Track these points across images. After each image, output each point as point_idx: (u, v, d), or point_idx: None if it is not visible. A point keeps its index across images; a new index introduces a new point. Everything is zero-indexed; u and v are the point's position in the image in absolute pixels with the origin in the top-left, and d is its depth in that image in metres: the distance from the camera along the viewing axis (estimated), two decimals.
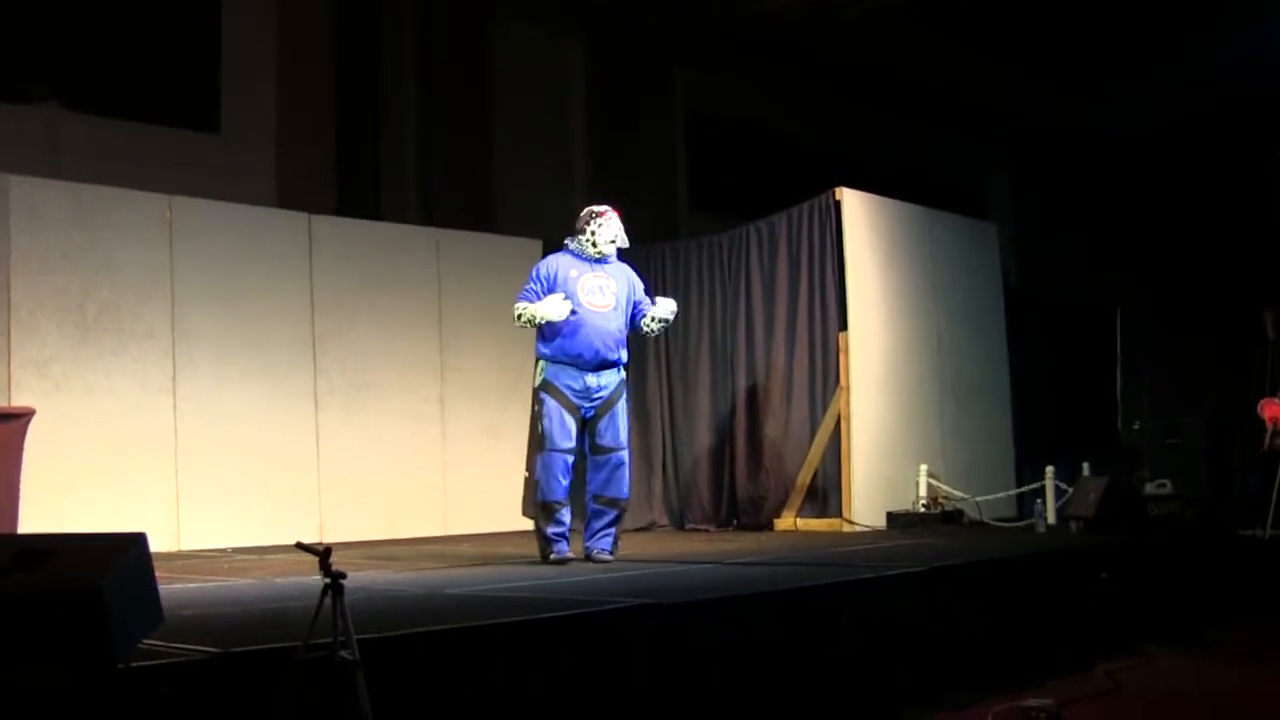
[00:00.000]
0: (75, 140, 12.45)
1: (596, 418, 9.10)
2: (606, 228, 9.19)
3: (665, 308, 9.41)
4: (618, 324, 9.18)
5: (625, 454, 9.23)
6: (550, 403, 8.98)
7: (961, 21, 17.83)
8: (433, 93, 15.31)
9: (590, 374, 9.05)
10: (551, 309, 8.93)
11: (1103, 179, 21.54)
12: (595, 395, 9.08)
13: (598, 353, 9.06)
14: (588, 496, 9.16)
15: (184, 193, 11.82)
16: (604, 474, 9.13)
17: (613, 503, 9.19)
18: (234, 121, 13.79)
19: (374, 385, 12.80)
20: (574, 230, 9.28)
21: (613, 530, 9.23)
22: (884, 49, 18.55)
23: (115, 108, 12.87)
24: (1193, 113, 19.89)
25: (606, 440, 9.14)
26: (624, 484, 9.22)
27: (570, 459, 9.02)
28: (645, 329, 9.42)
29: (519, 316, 8.99)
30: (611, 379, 9.14)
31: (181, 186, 11.98)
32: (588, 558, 9.05)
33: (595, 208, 9.34)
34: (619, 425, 9.18)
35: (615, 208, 9.38)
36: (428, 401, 13.19)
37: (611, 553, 9.17)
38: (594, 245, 9.16)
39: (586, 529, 9.14)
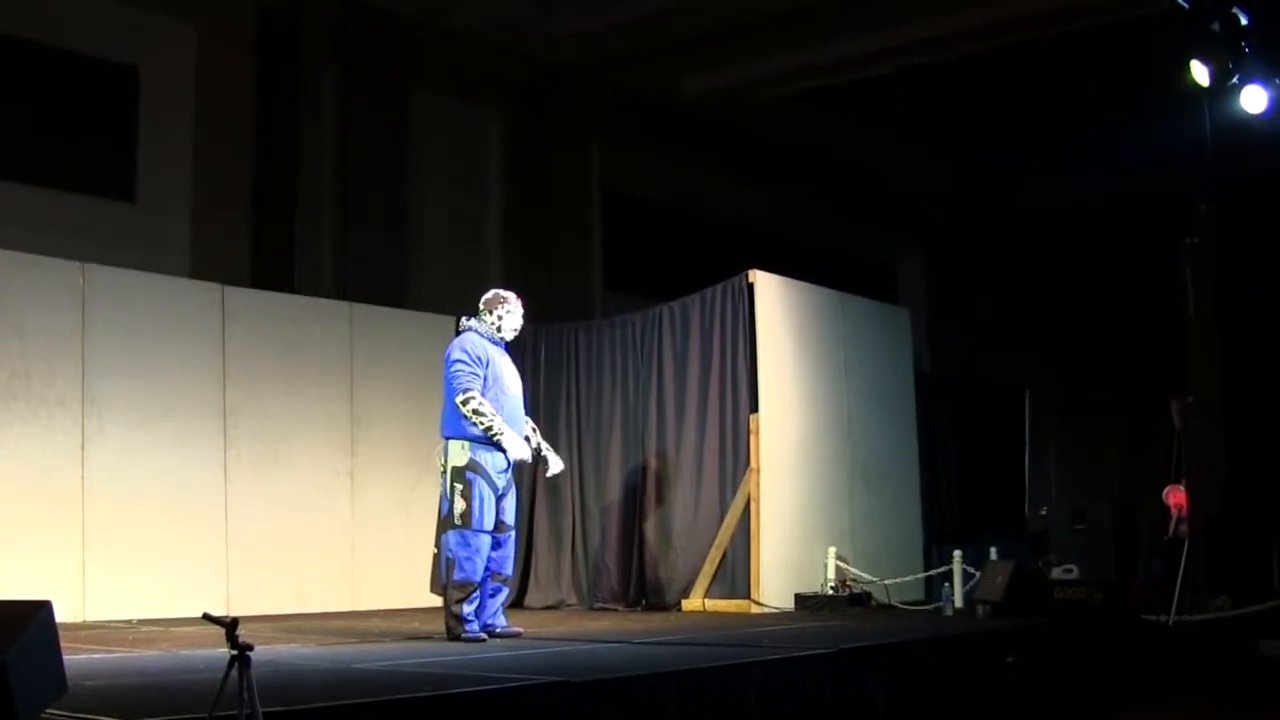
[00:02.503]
0: None
1: (502, 496, 9.20)
2: (514, 315, 9.40)
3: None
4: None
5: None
6: (479, 483, 9.03)
7: (875, 107, 18.10)
8: (351, 165, 15.35)
9: (507, 456, 9.15)
10: (515, 447, 9.10)
11: (1014, 264, 21.81)
12: (505, 476, 9.20)
13: (522, 438, 9.24)
14: (482, 574, 9.12)
15: (98, 261, 11.75)
16: (503, 551, 9.22)
17: (506, 580, 9.36)
18: (150, 190, 13.80)
19: (284, 457, 12.73)
20: (477, 311, 9.41)
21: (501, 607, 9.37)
22: (799, 132, 18.85)
23: (29, 173, 12.82)
24: (1103, 201, 20.26)
25: (508, 518, 9.29)
26: (513, 561, 9.46)
27: (490, 539, 9.08)
28: None
29: (475, 411, 8.97)
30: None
31: (96, 255, 11.93)
32: (493, 635, 9.07)
33: (503, 293, 9.48)
34: (515, 504, 9.42)
35: (520, 295, 9.53)
36: (338, 475, 13.13)
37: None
38: (499, 330, 9.34)
39: (481, 607, 9.12)
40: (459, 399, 8.98)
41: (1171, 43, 12.44)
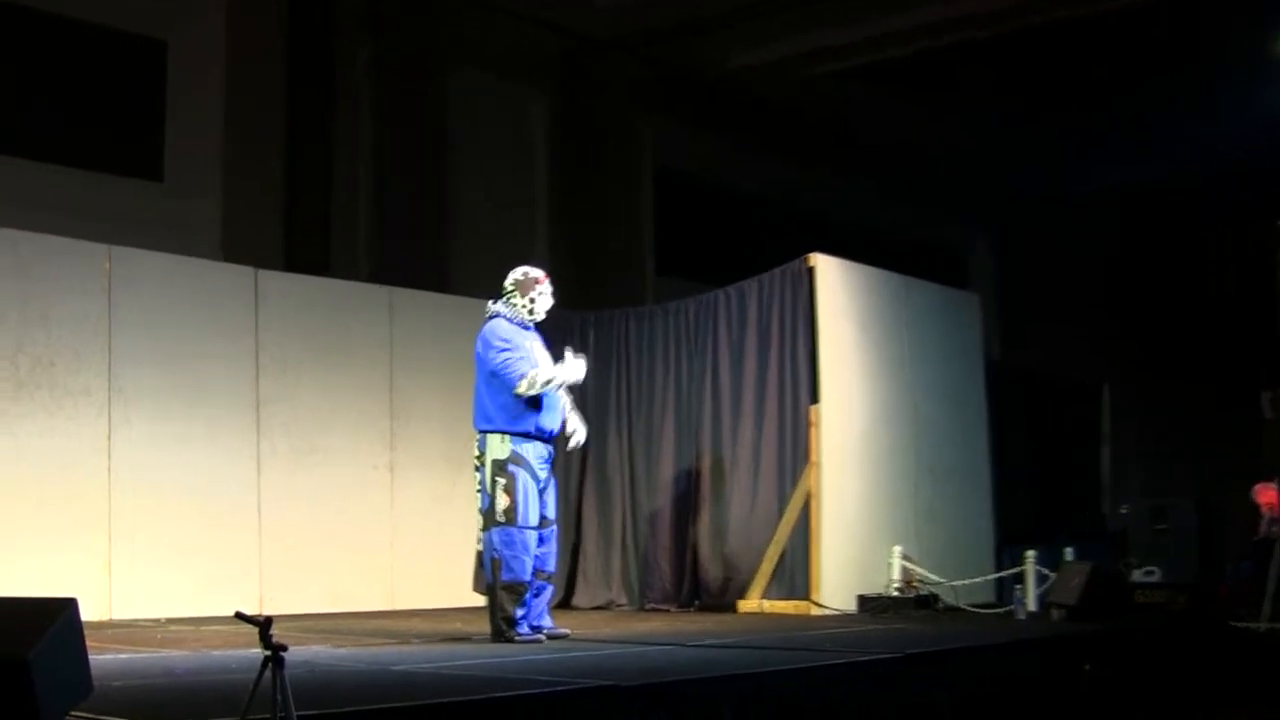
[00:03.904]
0: (12, 186, 12.46)
1: (544, 489, 9.19)
2: (547, 296, 9.31)
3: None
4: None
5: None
6: (522, 476, 9.01)
7: (939, 84, 17.97)
8: (388, 144, 15.41)
9: (549, 446, 9.20)
10: (573, 371, 9.09)
11: (1090, 249, 21.63)
12: (548, 464, 9.21)
13: (561, 426, 9.28)
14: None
15: (125, 244, 11.77)
16: (547, 547, 9.21)
17: (550, 577, 9.35)
18: (178, 170, 13.85)
19: (320, 450, 12.75)
20: (503, 293, 9.33)
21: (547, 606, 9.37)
22: (858, 111, 18.69)
23: (52, 152, 12.86)
24: (1186, 183, 20.04)
25: (551, 512, 9.27)
26: (556, 557, 9.45)
27: (536, 535, 9.07)
28: None
29: (534, 383, 8.96)
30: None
31: (122, 237, 11.94)
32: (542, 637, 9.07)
33: (533, 272, 9.37)
34: (555, 497, 9.41)
35: (547, 274, 9.46)
36: (376, 469, 13.15)
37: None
38: (530, 313, 9.27)
39: (526, 607, 9.09)
40: (520, 389, 8.94)
41: (1260, 12, 12.32)
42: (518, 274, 9.34)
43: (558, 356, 9.24)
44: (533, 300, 9.24)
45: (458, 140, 16.12)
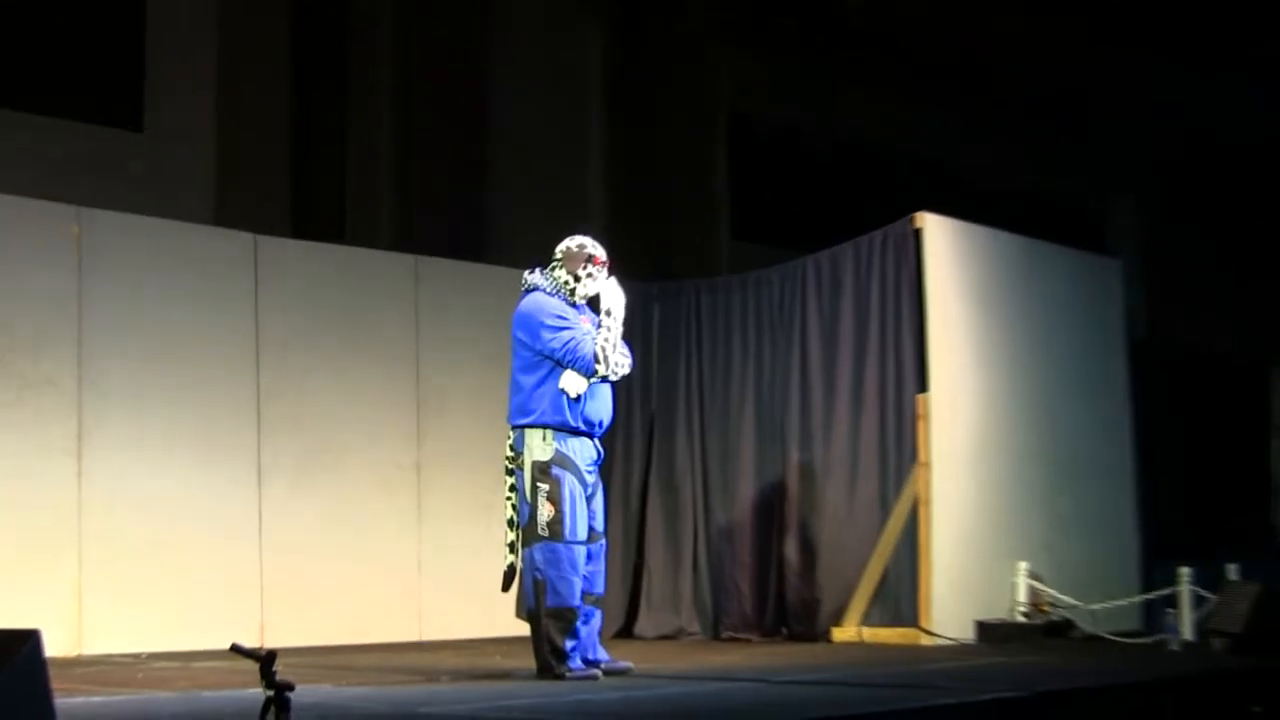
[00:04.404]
0: None
1: (591, 495, 9.17)
2: (598, 282, 9.25)
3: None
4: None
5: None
6: (568, 481, 8.98)
7: (1069, 9, 17.76)
8: (414, 87, 15.41)
9: (597, 443, 9.23)
10: (617, 296, 9.15)
11: (1254, 207, 21.47)
12: (596, 467, 9.22)
13: (610, 419, 9.32)
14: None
15: (97, 204, 11.74)
16: (594, 565, 9.19)
17: (599, 600, 9.31)
18: (161, 117, 13.89)
19: (333, 451, 12.72)
20: (547, 263, 9.31)
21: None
22: (984, 42, 18.50)
23: (3, 95, 12.92)
24: None
25: (599, 523, 9.26)
26: (605, 577, 9.46)
27: (584, 551, 9.05)
28: None
29: (607, 357, 8.97)
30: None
31: (94, 196, 11.93)
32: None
33: (590, 247, 9.31)
34: (604, 505, 9.42)
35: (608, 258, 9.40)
36: (401, 471, 13.11)
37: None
38: (572, 293, 9.22)
39: (575, 637, 9.05)
40: (600, 370, 8.96)
41: None
42: (572, 244, 9.29)
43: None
44: (577, 279, 9.20)
45: (497, 82, 16.12)
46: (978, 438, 12.79)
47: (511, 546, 9.19)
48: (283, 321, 12.52)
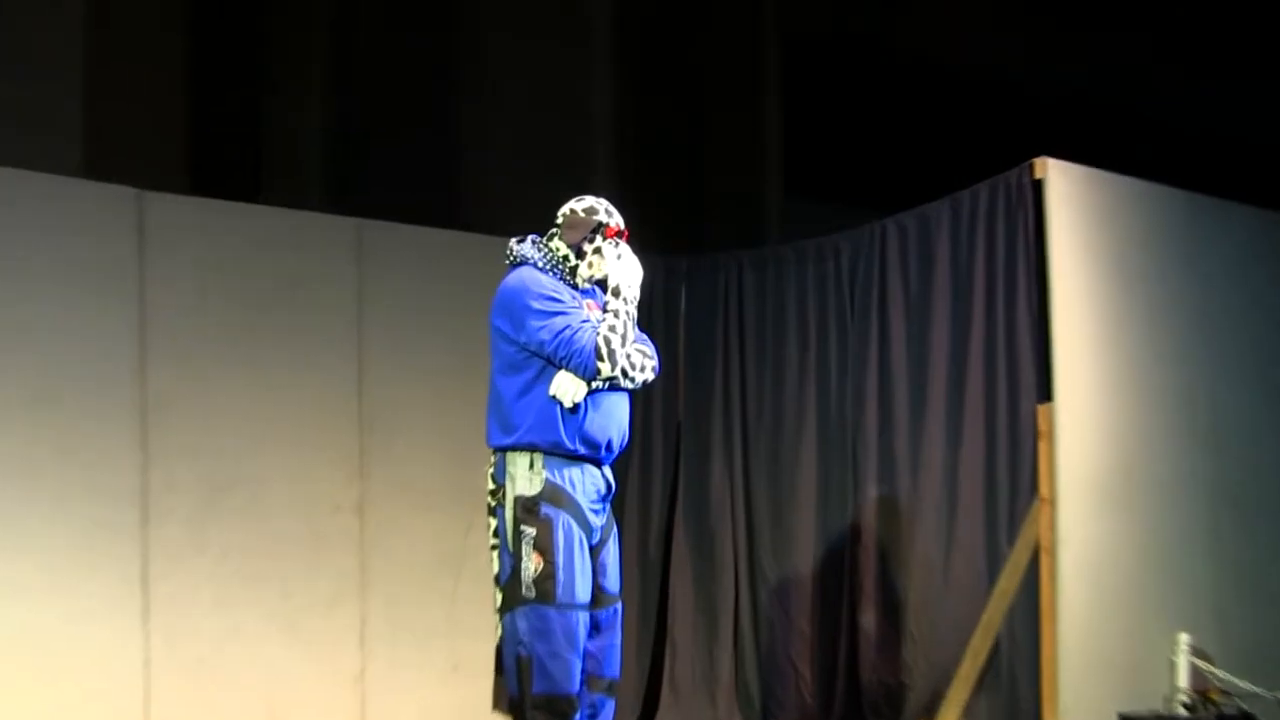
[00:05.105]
0: None
1: (600, 543, 9.01)
2: (609, 260, 9.03)
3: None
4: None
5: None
6: (564, 524, 8.76)
7: None
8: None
9: (606, 471, 9.04)
10: (632, 273, 8.97)
11: None
12: (604, 505, 9.06)
13: (623, 439, 9.10)
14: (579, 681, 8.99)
15: None
16: (604, 639, 9.09)
17: (613, 686, 9.20)
18: (12, 42, 13.67)
19: (245, 483, 12.34)
20: (545, 230, 9.16)
21: None
22: None
23: None
24: None
25: (611, 581, 9.12)
26: (620, 654, 9.31)
27: (588, 619, 8.92)
28: None
29: (613, 349, 8.68)
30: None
31: None
32: None
33: (601, 212, 9.13)
34: (618, 557, 9.25)
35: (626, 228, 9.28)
36: (338, 515, 12.79)
37: None
38: (573, 272, 9.05)
39: None
40: (603, 370, 8.65)
41: None
42: (578, 206, 9.12)
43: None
44: (580, 254, 9.01)
45: None
46: (1121, 463, 12.18)
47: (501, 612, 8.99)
48: (175, 304, 12.10)
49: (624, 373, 8.71)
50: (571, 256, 8.96)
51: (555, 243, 8.99)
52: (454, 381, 12.88)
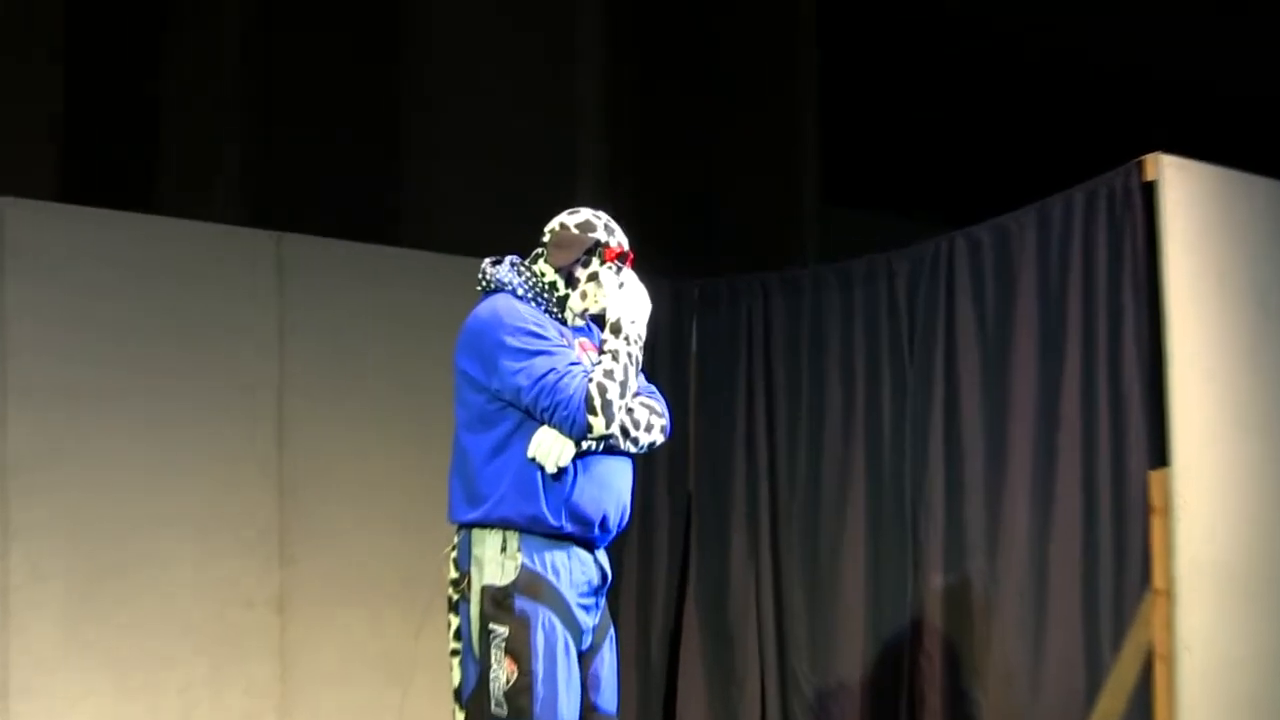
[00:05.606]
0: None
1: (592, 649, 8.62)
2: (608, 291, 8.68)
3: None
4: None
5: None
6: (543, 621, 8.35)
7: None
8: None
9: (600, 556, 8.66)
10: (638, 304, 8.58)
11: None
12: (596, 600, 8.68)
13: (622, 516, 8.70)
14: None
15: None
16: None
17: None
18: None
19: (131, 572, 11.96)
20: (531, 253, 8.77)
21: None
22: None
23: None
24: None
25: (605, 697, 8.76)
26: None
27: None
28: None
29: (609, 400, 8.22)
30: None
31: None
32: None
33: (599, 230, 8.71)
34: (614, 666, 8.90)
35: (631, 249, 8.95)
36: (251, 611, 12.44)
37: None
38: (561, 304, 8.68)
39: None
40: (595, 428, 8.13)
41: None
42: (570, 221, 8.69)
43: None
44: (572, 281, 8.58)
45: None
46: (1257, 544, 11.66)
47: None
48: (44, 339, 11.72)
49: (624, 431, 8.26)
50: (560, 284, 8.56)
51: (540, 265, 8.56)
52: (404, 438, 12.79)
